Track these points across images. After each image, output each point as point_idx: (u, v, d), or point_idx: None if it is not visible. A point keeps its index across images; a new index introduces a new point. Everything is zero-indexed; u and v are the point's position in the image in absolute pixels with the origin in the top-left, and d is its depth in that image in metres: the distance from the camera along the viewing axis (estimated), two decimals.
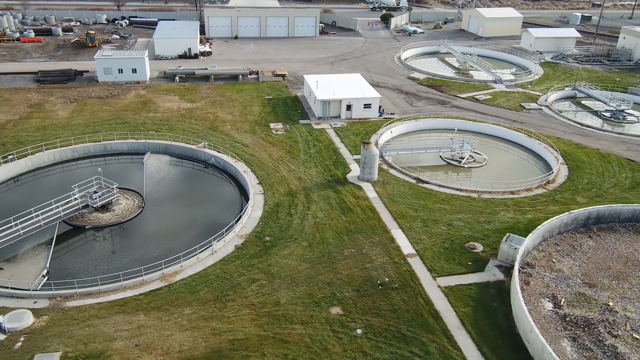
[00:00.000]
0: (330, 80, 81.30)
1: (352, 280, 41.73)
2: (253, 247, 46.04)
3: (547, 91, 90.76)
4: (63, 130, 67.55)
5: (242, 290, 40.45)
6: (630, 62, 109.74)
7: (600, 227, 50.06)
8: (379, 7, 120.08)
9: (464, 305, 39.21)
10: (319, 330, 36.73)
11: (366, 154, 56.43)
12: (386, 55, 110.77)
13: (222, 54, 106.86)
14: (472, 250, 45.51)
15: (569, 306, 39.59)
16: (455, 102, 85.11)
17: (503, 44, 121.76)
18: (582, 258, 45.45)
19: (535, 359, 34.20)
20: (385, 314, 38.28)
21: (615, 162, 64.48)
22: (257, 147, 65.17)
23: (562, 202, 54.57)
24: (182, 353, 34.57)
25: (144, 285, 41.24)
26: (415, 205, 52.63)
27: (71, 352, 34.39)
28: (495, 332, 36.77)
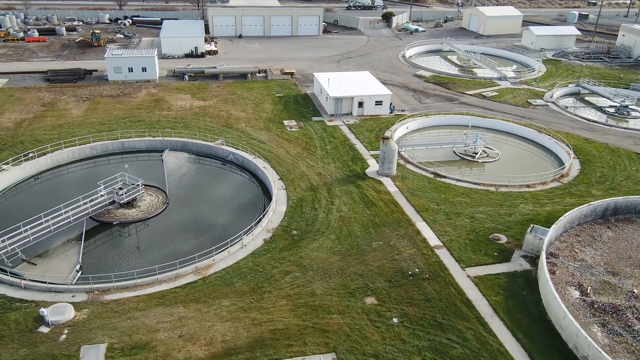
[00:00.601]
0: (341, 78, 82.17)
1: (383, 271, 42.64)
2: (282, 240, 46.79)
3: (552, 88, 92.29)
4: (79, 129, 67.82)
5: (276, 282, 41.20)
6: (630, 59, 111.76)
7: (617, 218, 51.40)
8: (354, 6, 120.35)
9: (494, 294, 40.26)
10: (356, 319, 37.58)
11: (386, 149, 57.35)
12: (390, 53, 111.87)
13: (228, 52, 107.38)
14: (497, 242, 46.60)
15: (595, 294, 40.78)
16: (463, 99, 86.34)
17: (504, 42, 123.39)
18: (603, 248, 46.70)
19: (569, 344, 35.30)
20: (419, 303, 39.22)
21: (625, 156, 65.94)
22: (273, 144, 65.87)
23: (578, 194, 55.86)
24: (225, 343, 35.28)
25: (178, 278, 41.84)
26: (436, 199, 53.66)
27: (116, 343, 34.97)
28: (528, 319, 37.83)
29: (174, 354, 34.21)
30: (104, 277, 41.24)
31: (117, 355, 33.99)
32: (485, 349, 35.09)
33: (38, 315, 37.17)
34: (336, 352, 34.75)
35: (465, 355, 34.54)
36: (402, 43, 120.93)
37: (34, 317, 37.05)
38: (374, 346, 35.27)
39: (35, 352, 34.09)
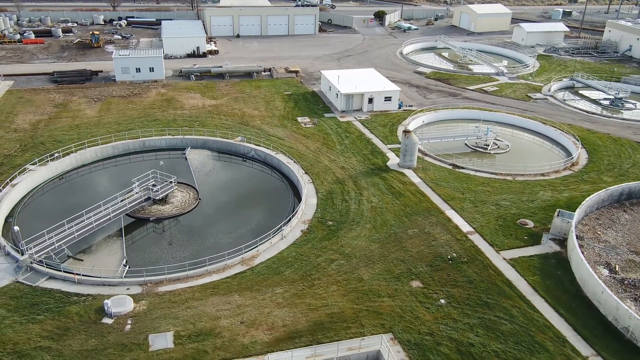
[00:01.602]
0: (349, 75, 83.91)
1: (423, 256, 44.59)
2: (319, 231, 48.36)
3: (548, 82, 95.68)
4: (97, 129, 68.19)
5: (323, 270, 42.79)
6: (616, 53, 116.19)
7: (631, 202, 54.36)
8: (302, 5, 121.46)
9: (531, 274, 42.57)
10: (406, 301, 39.43)
11: (407, 142, 59.36)
12: (388, 51, 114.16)
13: (229, 52, 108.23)
14: (525, 227, 49.01)
15: (623, 271, 43.40)
16: (465, 93, 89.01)
17: (495, 39, 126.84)
18: (623, 230, 49.50)
19: (609, 317, 37.76)
20: (462, 284, 41.27)
21: (627, 145, 69.25)
22: (292, 140, 67.31)
23: (590, 181, 58.74)
24: (286, 327, 36.74)
25: (227, 269, 43.10)
26: (460, 189, 55.88)
27: (182, 331, 36.14)
28: (566, 296, 40.21)
29: (240, 339, 35.55)
30: (155, 269, 42.25)
31: (185, 342, 35.18)
32: (532, 324, 37.31)
33: (98, 307, 38.09)
34: (393, 332, 36.54)
35: (515, 330, 36.70)
36: (397, 41, 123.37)
37: (94, 310, 37.94)
38: (428, 325, 37.17)
39: (104, 342, 35.05)
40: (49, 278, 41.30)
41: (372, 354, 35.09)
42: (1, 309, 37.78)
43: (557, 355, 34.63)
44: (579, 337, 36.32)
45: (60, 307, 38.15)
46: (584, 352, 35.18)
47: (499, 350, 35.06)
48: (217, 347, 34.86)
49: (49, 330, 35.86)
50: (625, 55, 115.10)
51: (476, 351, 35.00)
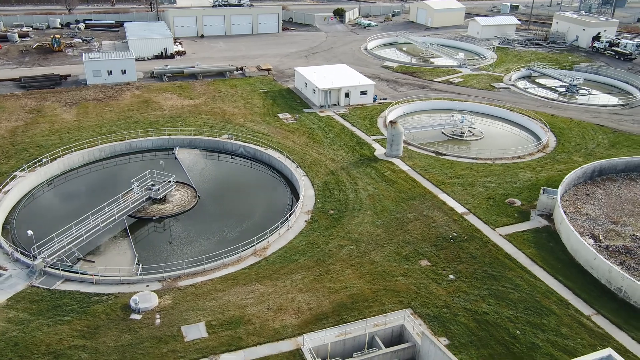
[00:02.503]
0: (324, 71, 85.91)
1: (426, 238, 47.23)
2: (322, 220, 50.18)
3: (508, 72, 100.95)
4: (79, 133, 67.24)
5: (336, 255, 44.68)
6: (565, 44, 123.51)
7: (602, 178, 59.05)
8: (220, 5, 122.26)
9: (527, 247, 45.99)
10: (419, 279, 41.90)
11: (394, 132, 61.98)
12: (352, 47, 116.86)
13: (196, 52, 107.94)
14: (513, 205, 52.58)
15: (606, 240, 47.51)
16: (433, 85, 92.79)
17: (452, 33, 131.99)
18: (599, 203, 53.90)
19: (602, 280, 41.55)
20: (467, 260, 44.15)
21: (589, 128, 74.60)
22: (277, 136, 68.66)
23: (563, 161, 63.23)
24: (312, 310, 38.42)
25: (241, 261, 44.27)
26: (448, 174, 58.99)
27: (213, 320, 37.17)
28: (561, 265, 43.80)
29: (270, 324, 36.97)
30: (171, 265, 42.90)
31: (218, 330, 36.28)
32: (536, 291, 40.57)
33: (123, 305, 38.52)
34: (412, 307, 38.90)
35: (522, 297, 39.84)
36: (359, 37, 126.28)
37: (120, 307, 38.36)
38: (442, 299, 39.75)
39: (138, 336, 35.65)
40: (65, 280, 41.25)
41: (397, 328, 37.28)
42: (23, 313, 37.62)
43: (564, 317, 37.96)
44: (579, 299, 39.86)
45: (84, 307, 38.32)
46: (586, 312, 38.69)
47: (511, 316, 38.05)
48: (250, 333, 36.14)
49: (79, 330, 36.09)
50: (572, 45, 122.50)
51: (491, 319, 37.84)
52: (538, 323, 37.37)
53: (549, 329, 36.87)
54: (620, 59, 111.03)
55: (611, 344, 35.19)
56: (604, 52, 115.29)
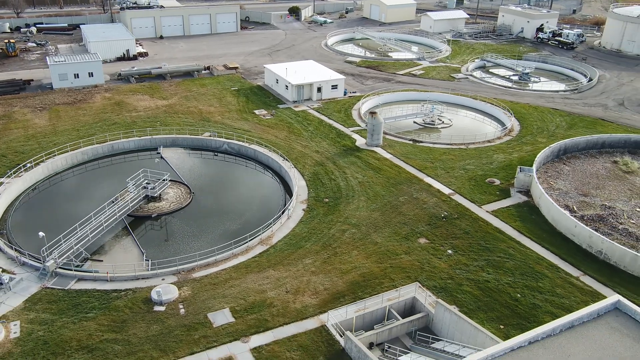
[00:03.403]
0: (294, 67, 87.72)
1: (420, 218, 50.28)
2: (319, 208, 52.32)
3: (464, 63, 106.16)
4: (56, 137, 66.24)
5: (340, 239, 46.95)
6: (511, 35, 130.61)
7: (567, 156, 64.15)
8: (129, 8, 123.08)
9: (513, 221, 49.89)
10: (421, 256, 44.84)
11: (374, 122, 64.82)
12: (313, 43, 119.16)
13: (158, 53, 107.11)
14: (494, 184, 56.53)
15: (580, 210, 52.14)
16: (397, 78, 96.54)
17: (405, 28, 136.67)
18: (568, 179, 58.75)
19: (583, 245, 45.91)
20: (461, 236, 47.51)
21: (546, 112, 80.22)
22: (258, 131, 70.09)
23: (529, 143, 68.07)
24: (328, 290, 40.57)
25: (249, 250, 45.77)
26: (428, 159, 62.41)
27: (236, 306, 38.64)
28: (546, 234, 47.92)
29: (292, 306, 38.84)
30: (183, 259, 43.84)
31: (243, 315, 37.80)
32: (528, 258, 44.39)
33: (144, 298, 39.32)
34: (419, 281, 41.73)
35: (517, 265, 43.52)
36: (317, 34, 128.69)
37: (141, 301, 39.14)
38: (446, 272, 42.84)
39: (167, 326, 36.68)
40: (78, 280, 41.48)
41: (409, 301, 40.00)
42: (44, 313, 37.77)
43: (556, 279, 41.88)
44: (567, 263, 43.97)
45: (105, 303, 38.84)
46: (574, 274, 42.79)
47: (510, 282, 41.59)
48: (274, 315, 37.89)
49: (107, 325, 36.70)
50: (519, 36, 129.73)
51: (492, 286, 41.24)
52: (535, 286, 41.10)
53: (545, 290, 40.65)
54: (564, 48, 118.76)
55: (600, 299, 39.23)
56: (548, 42, 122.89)
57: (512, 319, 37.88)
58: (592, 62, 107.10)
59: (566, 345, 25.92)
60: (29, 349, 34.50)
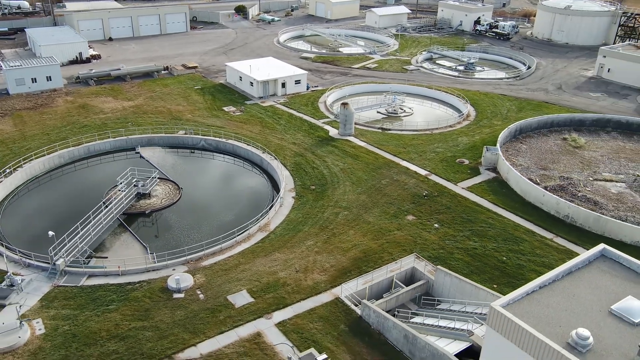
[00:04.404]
0: (256, 64, 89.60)
1: (404, 198, 54.12)
2: (308, 195, 55.06)
3: (413, 55, 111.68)
4: (27, 142, 65.07)
5: (335, 221, 49.94)
6: (451, 28, 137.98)
7: (523, 135, 70.18)
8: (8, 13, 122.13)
9: (487, 195, 54.73)
10: (412, 231, 48.63)
11: (346, 113, 68.18)
12: (266, 41, 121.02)
13: (111, 55, 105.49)
14: (464, 164, 61.34)
15: (543, 182, 57.78)
16: (353, 72, 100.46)
17: (351, 24, 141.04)
18: (527, 155, 64.56)
19: (551, 211, 51.34)
20: (444, 211, 51.74)
21: (496, 97, 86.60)
22: (232, 127, 71.72)
23: (487, 126, 73.74)
24: (334, 267, 43.50)
25: (251, 237, 47.88)
26: (400, 145, 66.49)
27: (252, 288, 40.81)
28: (518, 204, 53.04)
29: (304, 283, 41.47)
30: (190, 249, 45.32)
31: (261, 295, 40.06)
32: (506, 226, 49.22)
33: (160, 288, 40.69)
34: (415, 253, 45.45)
35: (498, 232, 48.22)
36: (267, 32, 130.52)
37: (158, 290, 40.50)
38: (437, 243, 46.84)
39: (190, 310, 38.35)
40: (89, 277, 42.15)
41: (409, 270, 43.63)
42: (64, 309, 38.41)
43: (534, 242, 46.88)
44: (540, 228, 49.15)
45: (123, 296, 39.91)
46: (548, 236, 48.01)
47: (494, 247, 46.15)
48: (290, 292, 40.39)
49: (131, 314, 37.90)
50: (458, 29, 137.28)
51: (479, 252, 45.63)
52: (517, 249, 45.86)
53: (526, 252, 45.49)
54: (500, 38, 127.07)
55: (573, 255, 44.45)
56: (485, 33, 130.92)
57: (503, 278, 42.32)
58: (528, 51, 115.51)
59: (569, 287, 30.23)
60: (59, 342, 35.23)
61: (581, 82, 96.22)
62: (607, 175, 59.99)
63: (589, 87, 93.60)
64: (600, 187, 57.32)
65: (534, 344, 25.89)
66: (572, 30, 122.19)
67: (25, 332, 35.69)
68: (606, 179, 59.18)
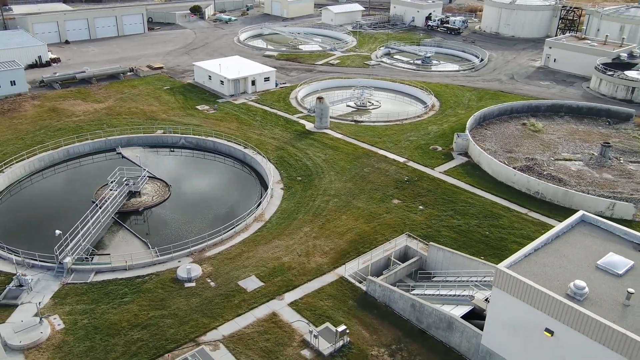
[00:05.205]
0: (224, 63, 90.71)
1: (387, 183, 57.37)
2: (296, 185, 57.39)
3: (372, 51, 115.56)
4: (2, 147, 64.05)
5: (325, 208, 52.52)
6: (404, 25, 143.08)
7: (486, 122, 75.02)
8: None
9: (463, 177, 58.77)
10: (399, 213, 51.88)
11: (322, 106, 70.83)
12: (226, 40, 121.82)
13: (71, 58, 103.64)
14: (437, 150, 65.27)
15: (510, 164, 62.44)
16: (318, 68, 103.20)
17: (308, 22, 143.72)
18: (494, 140, 69.28)
19: (523, 189, 55.92)
20: (426, 194, 55.32)
21: (456, 88, 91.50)
22: (209, 125, 72.93)
23: (452, 115, 78.25)
24: (333, 249, 46.12)
25: (248, 228, 49.78)
26: (376, 135, 69.78)
27: (260, 273, 42.84)
28: (491, 185, 57.34)
29: (308, 266, 43.89)
30: (192, 241, 46.75)
31: (270, 279, 42.16)
32: (485, 204, 53.32)
33: (171, 279, 42.07)
34: (407, 232, 48.67)
35: (478, 210, 52.20)
36: (226, 32, 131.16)
37: (169, 281, 41.87)
38: (424, 223, 50.29)
39: (205, 297, 40.01)
40: (97, 273, 42.94)
41: (402, 249, 46.82)
42: (79, 305, 39.21)
43: (511, 217, 51.15)
44: (514, 204, 53.53)
45: (135, 288, 41.04)
46: (522, 211, 52.42)
47: (477, 224, 50.06)
48: (297, 275, 42.71)
49: (147, 305, 39.18)
50: (411, 25, 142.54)
51: (464, 228, 49.41)
52: (497, 224, 49.94)
53: (506, 226, 49.64)
54: (452, 33, 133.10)
55: (547, 227, 48.88)
56: (437, 29, 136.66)
57: (488, 251, 46.19)
58: (479, 45, 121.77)
59: (559, 248, 34.16)
60: (82, 335, 36.17)
61: (531, 72, 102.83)
62: (566, 155, 65.43)
63: (538, 77, 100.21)
64: (561, 165, 62.56)
65: (539, 297, 29.47)
66: (518, 23, 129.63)
67: (46, 328, 36.38)
68: (566, 158, 64.56)
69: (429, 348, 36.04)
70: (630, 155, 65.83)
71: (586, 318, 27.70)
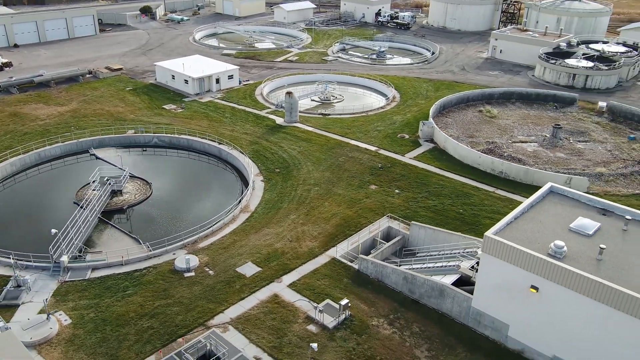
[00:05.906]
0: (186, 62, 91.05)
1: (362, 171, 60.29)
2: (275, 177, 59.37)
3: (328, 47, 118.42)
4: None
5: (308, 196, 54.84)
6: (355, 21, 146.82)
7: (446, 110, 79.38)
8: None
9: (432, 162, 62.52)
10: (378, 197, 54.89)
11: (291, 101, 72.96)
12: (182, 40, 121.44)
13: (23, 62, 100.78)
14: (405, 138, 68.82)
15: (474, 147, 66.77)
16: (278, 65, 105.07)
17: (261, 20, 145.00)
18: (455, 127, 73.59)
19: (487, 170, 60.26)
20: (401, 179, 58.63)
21: (413, 80, 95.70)
22: (180, 124, 73.58)
23: (414, 105, 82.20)
24: (321, 233, 48.57)
25: (236, 219, 51.44)
26: (345, 127, 72.60)
27: (255, 259, 44.74)
28: (459, 167, 61.34)
29: (300, 250, 46.14)
30: (184, 234, 47.96)
31: (267, 264, 44.14)
32: (455, 185, 57.18)
33: (169, 270, 43.32)
34: (388, 214, 51.70)
35: (450, 191, 55.97)
36: (180, 32, 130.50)
37: (168, 272, 43.11)
38: (402, 205, 53.51)
39: (206, 285, 41.56)
40: (93, 270, 43.54)
41: (385, 230, 49.83)
42: (82, 300, 39.90)
43: (481, 195, 55.21)
44: (483, 184, 57.69)
45: (135, 281, 42.05)
46: (490, 189, 56.63)
47: (450, 202, 53.77)
48: (291, 259, 44.89)
49: (151, 295, 40.33)
50: (362, 21, 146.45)
51: (439, 208, 52.99)
52: (469, 202, 53.83)
53: (477, 204, 53.59)
54: (401, 28, 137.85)
55: (514, 203, 53.13)
56: (387, 24, 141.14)
57: (464, 226, 49.86)
58: (429, 38, 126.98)
59: (535, 216, 38.01)
60: (92, 328, 37.01)
61: (480, 63, 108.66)
62: (522, 137, 70.53)
63: (487, 67, 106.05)
64: (519, 147, 67.51)
65: (525, 258, 33.05)
66: (463, 17, 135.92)
67: (54, 324, 36.95)
68: (522, 140, 69.63)
69: (424, 315, 39.13)
70: (578, 136, 71.71)
71: (568, 272, 31.44)
